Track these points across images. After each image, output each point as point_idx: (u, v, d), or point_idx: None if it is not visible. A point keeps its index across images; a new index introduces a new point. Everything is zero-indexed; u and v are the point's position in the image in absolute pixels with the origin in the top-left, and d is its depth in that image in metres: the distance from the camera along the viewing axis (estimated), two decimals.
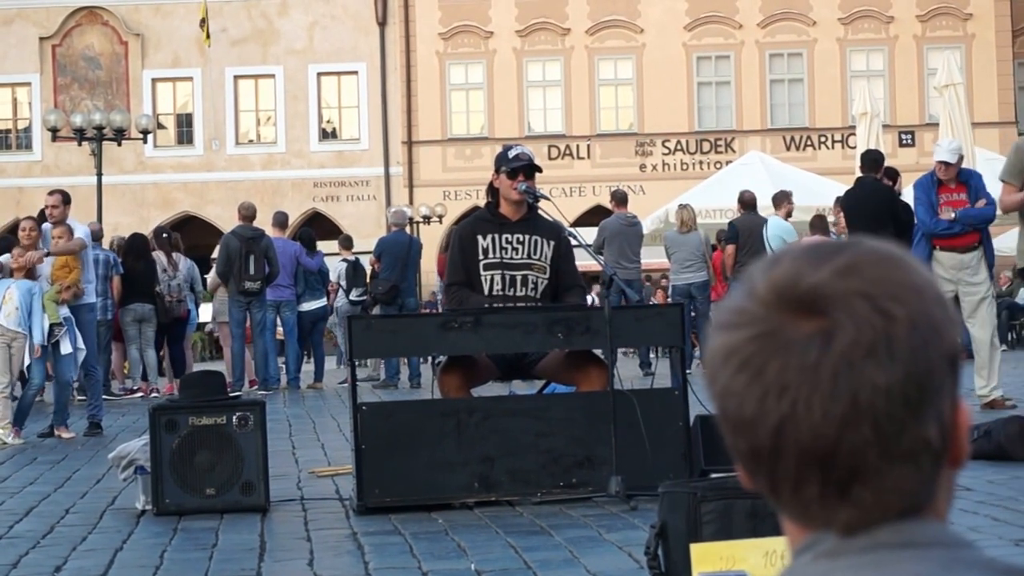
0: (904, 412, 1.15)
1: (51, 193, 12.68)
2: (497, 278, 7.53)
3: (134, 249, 17.03)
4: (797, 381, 1.14)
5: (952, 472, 1.21)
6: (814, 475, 1.16)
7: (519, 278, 7.54)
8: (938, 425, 1.17)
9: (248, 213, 17.19)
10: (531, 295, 7.53)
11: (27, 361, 11.78)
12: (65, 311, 11.89)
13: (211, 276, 18.59)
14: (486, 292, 7.52)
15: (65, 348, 11.81)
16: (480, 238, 7.57)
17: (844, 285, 1.16)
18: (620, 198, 17.88)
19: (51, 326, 11.73)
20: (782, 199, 17.19)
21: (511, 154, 7.66)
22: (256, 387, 17.22)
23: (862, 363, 1.14)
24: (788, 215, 17.09)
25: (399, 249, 17.56)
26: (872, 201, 12.29)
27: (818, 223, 17.84)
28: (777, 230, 16.34)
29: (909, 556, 1.15)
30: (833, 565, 1.16)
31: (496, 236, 7.56)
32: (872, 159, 12.77)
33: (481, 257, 7.54)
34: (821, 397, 1.14)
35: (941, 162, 11.22)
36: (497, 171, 7.64)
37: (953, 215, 11.07)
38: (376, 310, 17.48)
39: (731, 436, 1.20)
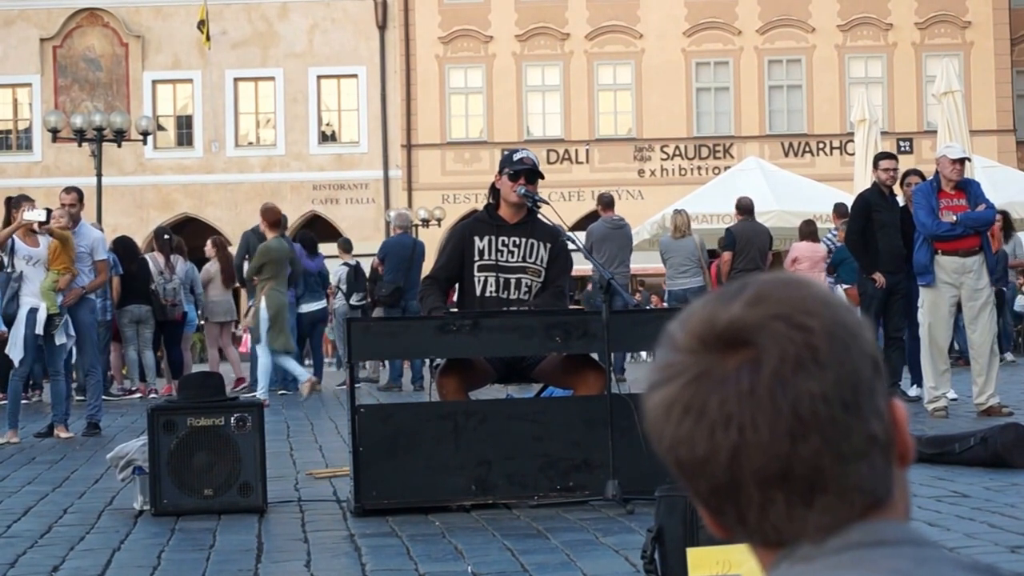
0: (845, 414, 1.19)
1: (67, 192, 12.54)
2: (491, 280, 7.54)
3: (125, 251, 17.03)
4: (739, 408, 1.19)
5: (902, 470, 1.25)
6: (778, 494, 1.20)
7: (513, 281, 7.55)
8: (880, 420, 1.22)
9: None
10: (524, 298, 7.54)
11: (18, 356, 11.67)
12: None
13: (202, 273, 18.55)
14: (478, 293, 7.53)
15: (60, 339, 11.74)
16: (477, 239, 7.58)
17: (758, 313, 1.21)
18: (606, 202, 17.78)
19: (49, 316, 11.65)
20: None
21: (515, 157, 7.71)
22: (244, 385, 17.24)
23: (794, 377, 1.19)
24: None
25: (403, 251, 17.61)
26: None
27: (806, 228, 17.86)
28: None
29: (883, 553, 1.19)
30: (809, 567, 1.19)
31: (493, 238, 7.57)
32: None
33: (476, 258, 7.56)
34: (765, 417, 1.18)
35: (956, 160, 11.18)
36: (500, 172, 7.66)
37: (954, 218, 11.09)
38: (377, 312, 17.49)
39: (690, 482, 1.23)
